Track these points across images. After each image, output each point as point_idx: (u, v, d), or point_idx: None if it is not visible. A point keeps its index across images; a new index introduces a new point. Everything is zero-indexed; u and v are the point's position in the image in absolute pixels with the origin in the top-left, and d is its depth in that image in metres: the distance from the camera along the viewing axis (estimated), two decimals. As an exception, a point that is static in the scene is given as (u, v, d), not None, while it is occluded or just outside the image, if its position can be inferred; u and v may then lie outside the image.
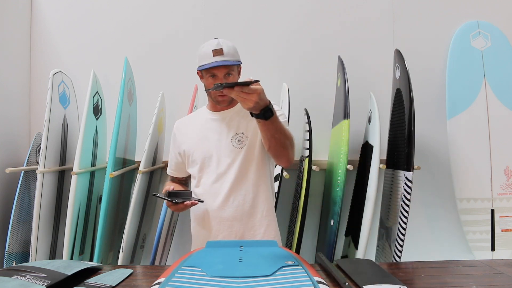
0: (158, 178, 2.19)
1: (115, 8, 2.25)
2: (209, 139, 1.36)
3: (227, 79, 1.31)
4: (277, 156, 1.29)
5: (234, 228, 1.32)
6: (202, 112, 1.46)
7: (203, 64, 1.29)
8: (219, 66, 1.28)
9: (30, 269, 0.98)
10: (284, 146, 1.24)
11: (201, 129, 1.39)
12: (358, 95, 1.99)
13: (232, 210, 1.32)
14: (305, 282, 0.85)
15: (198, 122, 1.42)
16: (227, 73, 1.30)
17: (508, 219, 2.04)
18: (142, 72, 2.14)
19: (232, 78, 1.32)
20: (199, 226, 1.39)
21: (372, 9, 2.21)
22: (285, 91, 1.96)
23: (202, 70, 1.32)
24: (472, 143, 2.07)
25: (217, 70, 1.29)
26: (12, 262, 1.82)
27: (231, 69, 1.32)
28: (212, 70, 1.29)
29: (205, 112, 1.44)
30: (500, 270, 1.09)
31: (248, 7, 2.23)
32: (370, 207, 1.70)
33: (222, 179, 1.33)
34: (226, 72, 1.30)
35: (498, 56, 2.11)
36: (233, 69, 1.33)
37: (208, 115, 1.42)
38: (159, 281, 0.86)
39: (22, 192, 1.90)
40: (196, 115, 1.47)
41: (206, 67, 1.28)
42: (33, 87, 2.25)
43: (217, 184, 1.33)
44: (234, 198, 1.32)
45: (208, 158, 1.34)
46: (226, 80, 1.30)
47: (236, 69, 1.35)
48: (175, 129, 1.46)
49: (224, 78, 1.30)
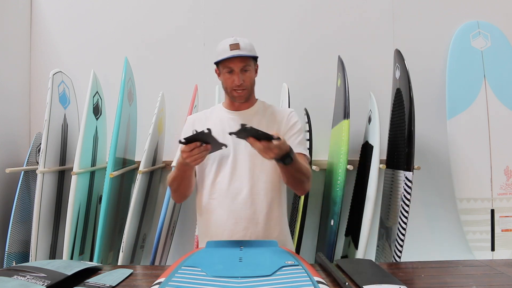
0: (158, 178, 2.19)
1: (115, 8, 2.25)
2: (226, 137, 1.30)
3: (244, 74, 1.30)
4: (293, 188, 1.34)
5: (249, 230, 1.29)
6: (218, 110, 1.43)
7: (219, 58, 1.29)
8: (235, 60, 1.28)
9: (30, 269, 0.98)
10: (301, 181, 1.28)
11: (218, 127, 1.34)
12: (358, 95, 1.99)
13: (250, 211, 1.29)
14: (305, 282, 0.85)
15: (215, 120, 1.39)
16: (243, 67, 1.30)
17: (508, 219, 2.04)
18: (142, 72, 2.14)
19: (249, 75, 1.32)
20: (211, 226, 1.33)
21: (372, 9, 2.22)
22: (285, 91, 1.96)
23: (218, 64, 1.32)
24: (472, 143, 2.07)
25: (233, 64, 1.29)
26: (12, 262, 1.82)
27: (248, 64, 1.31)
28: (229, 63, 1.29)
29: (221, 110, 1.41)
30: (500, 270, 1.09)
31: (248, 7, 2.23)
32: (370, 207, 1.70)
33: (239, 180, 1.30)
34: (242, 66, 1.29)
35: (498, 56, 2.11)
36: (250, 64, 1.32)
37: (226, 113, 1.39)
38: (159, 281, 0.86)
39: (22, 192, 1.90)
40: (212, 112, 1.43)
41: (221, 58, 1.28)
42: (33, 87, 2.25)
43: (234, 184, 1.30)
44: (252, 199, 1.29)
45: (225, 157, 1.32)
46: (243, 76, 1.30)
47: (253, 65, 1.34)
48: (191, 122, 1.40)
49: (241, 73, 1.29)
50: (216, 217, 1.31)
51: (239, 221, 1.29)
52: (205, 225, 1.35)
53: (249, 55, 1.31)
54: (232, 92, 1.32)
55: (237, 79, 1.30)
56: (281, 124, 1.36)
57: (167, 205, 1.70)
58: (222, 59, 1.29)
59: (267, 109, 1.41)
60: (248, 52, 1.31)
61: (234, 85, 1.31)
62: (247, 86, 1.32)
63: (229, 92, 1.34)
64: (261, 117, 1.37)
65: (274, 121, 1.36)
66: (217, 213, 1.31)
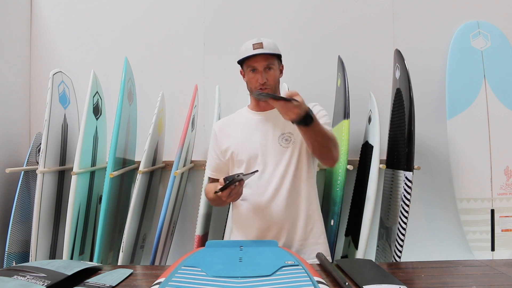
0: (158, 178, 2.19)
1: (115, 8, 2.25)
2: (254, 138, 1.35)
3: (267, 73, 1.30)
4: (322, 158, 1.30)
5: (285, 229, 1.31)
6: (243, 113, 1.45)
7: (242, 56, 1.31)
8: (259, 58, 1.29)
9: (30, 269, 0.98)
10: (328, 148, 1.25)
11: (245, 129, 1.38)
12: (358, 95, 1.99)
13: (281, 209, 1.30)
14: (305, 282, 0.85)
15: (241, 122, 1.41)
16: (267, 66, 1.30)
17: (508, 219, 2.04)
18: (142, 72, 2.14)
19: (273, 73, 1.32)
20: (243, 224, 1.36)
21: (372, 9, 2.22)
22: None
23: (242, 63, 1.33)
24: (472, 143, 2.07)
25: (257, 63, 1.29)
26: (12, 262, 1.82)
27: (271, 62, 1.31)
28: (252, 62, 1.30)
29: (247, 112, 1.43)
30: (500, 270, 1.09)
31: (247, 7, 2.22)
32: (370, 207, 1.70)
33: (269, 179, 1.31)
34: (266, 65, 1.30)
35: (498, 56, 2.11)
36: (273, 62, 1.32)
37: (252, 115, 1.41)
38: (159, 281, 0.86)
39: (22, 192, 1.90)
40: (237, 116, 1.46)
41: (244, 56, 1.30)
42: (33, 87, 2.25)
43: (263, 183, 1.31)
44: (283, 197, 1.30)
45: (253, 158, 1.33)
46: (267, 74, 1.30)
47: (277, 63, 1.34)
48: (217, 130, 1.44)
49: (264, 72, 1.30)
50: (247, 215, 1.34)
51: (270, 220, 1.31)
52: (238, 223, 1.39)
53: (272, 53, 1.31)
54: (257, 91, 1.32)
55: (261, 77, 1.30)
56: None
57: (167, 205, 1.70)
58: (245, 59, 1.30)
59: None
60: (271, 51, 1.31)
61: (258, 84, 1.31)
62: (270, 84, 1.32)
63: (254, 91, 1.34)
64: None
65: None
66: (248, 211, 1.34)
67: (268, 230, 1.31)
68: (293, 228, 1.32)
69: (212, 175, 1.45)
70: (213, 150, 1.44)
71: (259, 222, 1.32)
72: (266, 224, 1.31)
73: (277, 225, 1.31)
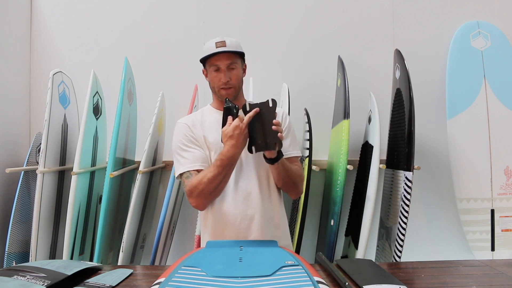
0: (158, 178, 2.19)
1: (115, 8, 2.25)
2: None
3: (230, 72, 1.29)
4: (287, 191, 1.35)
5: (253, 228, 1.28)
6: (208, 111, 1.39)
7: (205, 54, 1.28)
8: (221, 57, 1.27)
9: (30, 269, 0.98)
10: (293, 182, 1.30)
11: (216, 128, 1.32)
12: (358, 95, 1.99)
13: (256, 210, 1.28)
14: (305, 282, 0.85)
15: (209, 121, 1.35)
16: (230, 65, 1.28)
17: (508, 219, 2.04)
18: (142, 72, 2.14)
19: (236, 72, 1.30)
20: (217, 224, 1.31)
21: (372, 9, 2.22)
22: (285, 91, 1.96)
23: (205, 63, 1.31)
24: (472, 143, 2.07)
25: (219, 61, 1.27)
26: (12, 262, 1.82)
27: (234, 61, 1.29)
28: (215, 61, 1.28)
29: (211, 111, 1.38)
30: (500, 270, 1.09)
31: (248, 7, 2.23)
32: (370, 207, 1.70)
33: (244, 180, 1.29)
34: (229, 64, 1.28)
35: (498, 56, 2.11)
36: (236, 61, 1.30)
37: (217, 114, 1.35)
38: (159, 281, 0.86)
39: (22, 192, 1.90)
40: (204, 114, 1.39)
41: (207, 54, 1.27)
42: (33, 87, 2.25)
43: (239, 184, 1.29)
44: (257, 199, 1.29)
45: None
46: (230, 73, 1.28)
47: (240, 63, 1.32)
48: (189, 123, 1.34)
49: (227, 70, 1.28)
50: (222, 216, 1.29)
51: (244, 219, 1.28)
52: (212, 223, 1.32)
53: (235, 51, 1.29)
54: (220, 90, 1.31)
55: (224, 76, 1.28)
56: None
57: (167, 205, 1.70)
58: (208, 57, 1.28)
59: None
60: (234, 49, 1.29)
61: (221, 83, 1.29)
62: (234, 84, 1.30)
63: (217, 90, 1.32)
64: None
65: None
66: (223, 211, 1.29)
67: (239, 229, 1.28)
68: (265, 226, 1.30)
69: (200, 166, 1.27)
70: (189, 143, 1.30)
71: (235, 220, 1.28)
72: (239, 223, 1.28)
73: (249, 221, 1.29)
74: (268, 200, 1.32)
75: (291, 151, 1.36)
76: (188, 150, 1.30)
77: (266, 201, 1.31)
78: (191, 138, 1.32)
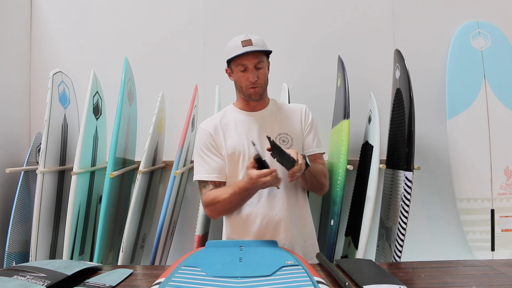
0: (158, 178, 2.19)
1: (115, 8, 2.25)
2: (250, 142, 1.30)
3: (257, 71, 1.28)
4: (314, 191, 1.41)
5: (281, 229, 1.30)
6: (231, 112, 1.38)
7: (232, 54, 1.27)
8: (249, 56, 1.26)
9: (30, 269, 0.98)
10: (320, 183, 1.35)
11: (240, 130, 1.33)
12: (358, 95, 1.99)
13: (282, 212, 1.30)
14: (305, 282, 0.85)
15: (233, 123, 1.35)
16: (257, 64, 1.28)
17: (508, 219, 2.04)
18: (142, 72, 2.14)
19: (263, 71, 1.30)
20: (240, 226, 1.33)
21: (372, 9, 2.21)
22: (285, 91, 1.96)
23: (230, 61, 1.30)
24: (472, 143, 2.07)
25: (247, 60, 1.27)
26: (12, 262, 1.82)
27: (261, 60, 1.29)
28: (242, 60, 1.27)
29: (234, 112, 1.38)
30: (500, 270, 1.09)
31: (248, 7, 2.22)
32: (370, 207, 1.70)
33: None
34: (256, 63, 1.27)
35: (498, 56, 2.11)
36: (263, 60, 1.30)
37: (243, 115, 1.36)
38: (159, 281, 0.86)
39: (22, 192, 1.90)
40: (225, 115, 1.38)
41: (234, 54, 1.26)
42: (33, 87, 2.25)
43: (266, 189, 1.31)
44: (283, 201, 1.31)
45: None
46: (257, 72, 1.28)
47: (266, 61, 1.33)
48: (210, 130, 1.35)
49: (254, 69, 1.28)
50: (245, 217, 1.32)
51: (270, 221, 1.30)
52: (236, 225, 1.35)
53: (263, 50, 1.29)
54: (248, 90, 1.30)
55: (252, 76, 1.27)
56: (299, 123, 1.39)
57: (167, 205, 1.70)
58: (235, 57, 1.27)
59: (281, 108, 1.41)
60: (261, 48, 1.28)
61: (249, 82, 1.28)
62: (261, 83, 1.31)
63: (245, 90, 1.31)
64: (276, 118, 1.37)
65: (291, 121, 1.38)
66: (247, 213, 1.32)
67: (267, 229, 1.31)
68: (291, 227, 1.32)
69: (216, 178, 1.32)
70: (208, 151, 1.33)
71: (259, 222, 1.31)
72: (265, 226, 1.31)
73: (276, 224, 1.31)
74: (294, 200, 1.34)
75: (315, 148, 1.38)
76: (206, 158, 1.33)
77: (292, 202, 1.33)
78: (211, 146, 1.34)
